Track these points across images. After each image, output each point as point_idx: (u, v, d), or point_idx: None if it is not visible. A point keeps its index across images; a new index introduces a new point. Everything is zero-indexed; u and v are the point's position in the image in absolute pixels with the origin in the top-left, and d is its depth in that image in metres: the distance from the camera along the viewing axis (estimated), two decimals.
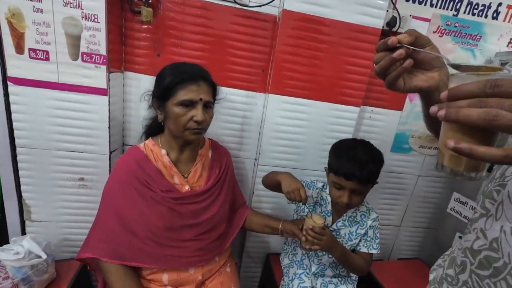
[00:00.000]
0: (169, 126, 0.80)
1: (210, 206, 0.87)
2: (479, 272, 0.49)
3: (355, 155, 0.86)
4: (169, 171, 0.83)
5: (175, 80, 0.75)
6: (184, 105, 0.75)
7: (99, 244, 0.78)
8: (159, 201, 0.79)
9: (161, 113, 0.80)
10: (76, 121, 0.96)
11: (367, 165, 0.84)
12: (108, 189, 0.81)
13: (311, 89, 1.08)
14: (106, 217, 0.79)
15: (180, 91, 0.74)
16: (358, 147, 0.90)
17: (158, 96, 0.79)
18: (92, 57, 0.90)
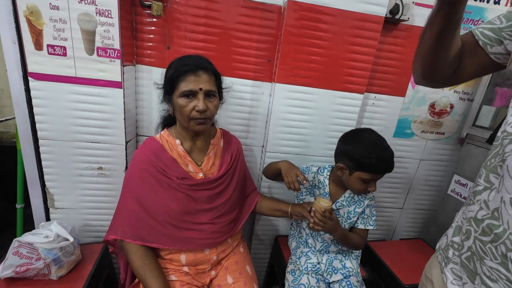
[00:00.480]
0: (178, 118, 0.85)
1: (223, 192, 0.93)
2: (482, 238, 0.54)
3: (384, 151, 0.91)
4: (183, 160, 0.89)
5: (175, 73, 0.79)
6: (185, 96, 0.79)
7: (122, 227, 0.85)
8: (176, 188, 0.85)
9: (170, 106, 0.85)
10: (94, 113, 1.01)
11: (393, 157, 0.93)
12: (129, 177, 0.87)
13: (316, 78, 1.12)
14: (128, 202, 0.85)
15: (181, 83, 0.78)
16: (379, 142, 0.94)
17: (165, 90, 0.84)
18: (107, 52, 0.94)
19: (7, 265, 0.87)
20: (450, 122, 1.34)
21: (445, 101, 1.30)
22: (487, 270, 0.54)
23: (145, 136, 1.19)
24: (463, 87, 1.28)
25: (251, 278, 0.94)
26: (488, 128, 1.21)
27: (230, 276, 0.92)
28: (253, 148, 1.28)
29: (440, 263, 0.67)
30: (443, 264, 0.65)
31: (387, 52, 1.18)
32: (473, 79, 1.26)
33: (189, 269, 0.90)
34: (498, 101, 1.20)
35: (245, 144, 1.24)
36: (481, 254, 0.55)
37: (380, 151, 0.91)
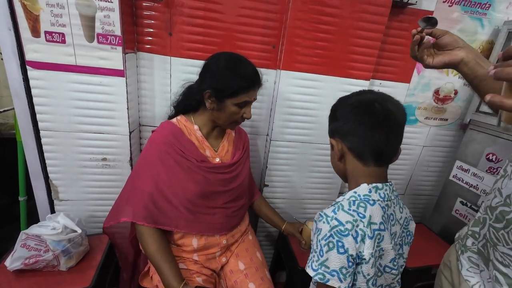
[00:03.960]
0: (217, 116, 0.86)
1: (236, 177, 0.94)
2: (495, 225, 0.56)
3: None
4: (201, 144, 0.89)
5: (243, 86, 0.80)
6: (239, 105, 0.82)
7: (134, 208, 0.83)
8: (194, 170, 0.85)
9: (213, 103, 0.83)
10: (96, 103, 0.98)
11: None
12: (146, 158, 0.86)
13: (322, 64, 1.10)
14: (143, 183, 0.84)
15: (243, 94, 0.81)
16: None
17: (217, 91, 0.81)
18: (107, 38, 0.90)
19: (16, 257, 0.87)
20: (453, 108, 1.34)
21: (449, 87, 1.29)
22: (500, 256, 0.55)
23: (148, 126, 1.17)
24: None
25: (262, 264, 0.96)
26: (491, 113, 1.21)
27: (241, 262, 0.94)
28: (258, 137, 1.27)
29: (457, 251, 0.68)
30: (459, 252, 0.67)
31: (393, 37, 1.16)
32: None
33: (199, 257, 0.90)
34: None
35: (249, 132, 1.23)
36: (494, 240, 0.56)
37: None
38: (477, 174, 1.23)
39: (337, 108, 0.64)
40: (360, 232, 0.54)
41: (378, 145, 0.58)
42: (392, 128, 0.58)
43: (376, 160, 0.59)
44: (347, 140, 0.61)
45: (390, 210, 0.60)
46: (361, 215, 0.56)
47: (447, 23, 1.18)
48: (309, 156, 1.25)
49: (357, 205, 0.57)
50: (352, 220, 0.55)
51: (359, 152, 0.60)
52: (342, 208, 0.57)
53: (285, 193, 1.31)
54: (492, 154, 1.17)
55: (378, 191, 0.59)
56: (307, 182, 1.30)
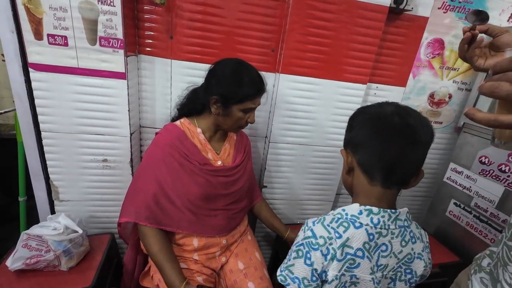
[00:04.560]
0: (223, 121, 0.88)
1: (237, 180, 0.96)
2: (509, 243, 0.51)
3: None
4: (204, 147, 0.91)
5: (251, 93, 0.82)
6: (245, 111, 0.85)
7: (137, 209, 0.85)
8: (197, 173, 0.87)
9: (218, 109, 0.85)
10: (97, 105, 0.99)
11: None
12: (150, 159, 0.87)
13: (320, 68, 1.12)
14: (146, 185, 0.85)
15: (249, 101, 0.84)
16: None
17: (224, 97, 0.82)
18: (109, 42, 0.92)
19: (17, 258, 0.88)
20: (448, 112, 1.37)
21: (444, 91, 1.33)
22: (509, 277, 0.50)
23: (148, 128, 1.18)
24: (461, 77, 1.31)
25: (260, 264, 0.98)
26: None
27: (240, 262, 0.96)
28: (256, 139, 1.29)
29: (470, 271, 0.64)
30: (472, 272, 0.63)
31: (389, 42, 1.19)
32: (471, 69, 1.29)
33: (199, 256, 0.92)
34: None
35: (248, 135, 1.25)
36: (505, 259, 0.51)
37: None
38: (470, 176, 1.26)
39: (354, 117, 0.60)
40: (331, 250, 0.52)
41: (389, 162, 0.52)
42: (408, 144, 0.51)
43: (384, 180, 0.54)
44: (358, 153, 0.56)
45: (384, 240, 0.54)
46: (338, 235, 0.53)
47: (442, 29, 1.21)
48: (307, 158, 1.27)
49: (339, 223, 0.54)
50: (326, 236, 0.53)
51: (368, 168, 0.55)
52: (322, 222, 0.55)
53: (283, 194, 1.33)
54: (485, 157, 1.20)
55: (371, 215, 0.53)
56: (305, 183, 1.32)
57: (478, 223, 1.22)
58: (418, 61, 1.24)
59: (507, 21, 1.23)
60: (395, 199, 0.57)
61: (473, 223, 1.25)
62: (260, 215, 1.14)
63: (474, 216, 1.24)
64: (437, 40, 1.22)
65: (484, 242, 1.20)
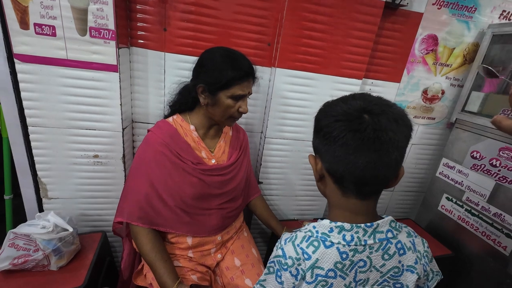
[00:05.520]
0: (213, 112, 0.84)
1: (233, 178, 0.93)
2: None
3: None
4: (197, 145, 0.88)
5: (235, 76, 0.78)
6: (234, 98, 0.81)
7: (129, 209, 0.83)
8: (190, 172, 0.84)
9: (206, 98, 0.82)
10: (88, 98, 0.96)
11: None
12: (142, 158, 0.84)
13: (316, 63, 1.11)
14: (138, 184, 0.83)
15: (236, 86, 0.79)
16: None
17: (210, 84, 0.80)
18: (100, 32, 0.88)
19: (3, 258, 0.84)
20: (440, 108, 1.39)
21: (437, 87, 1.34)
22: None
23: (141, 123, 1.15)
24: (454, 74, 1.33)
25: (258, 261, 0.97)
26: (476, 113, 1.27)
27: (237, 259, 0.94)
28: (252, 134, 1.28)
29: None
30: None
31: (384, 37, 1.19)
32: (464, 66, 1.31)
33: (193, 254, 0.90)
34: (487, 87, 1.25)
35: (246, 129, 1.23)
36: None
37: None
38: (462, 171, 1.29)
39: (320, 118, 0.51)
40: (300, 271, 0.49)
41: (361, 174, 0.45)
42: (381, 152, 0.44)
43: (358, 192, 0.48)
44: (325, 160, 0.49)
45: (360, 256, 0.49)
46: (307, 256, 0.49)
47: (436, 25, 1.22)
48: (303, 153, 1.27)
49: (309, 242, 0.50)
50: (295, 257, 0.49)
51: (338, 178, 0.48)
52: (293, 241, 0.51)
53: (279, 190, 1.32)
54: (476, 152, 1.23)
55: (344, 232, 0.48)
56: (301, 179, 1.32)
57: (470, 216, 1.25)
58: (413, 57, 1.25)
59: (498, 18, 1.25)
60: (374, 208, 0.52)
61: (464, 217, 1.28)
62: (256, 212, 1.12)
63: (466, 210, 1.27)
64: (431, 36, 1.23)
65: (476, 235, 1.22)
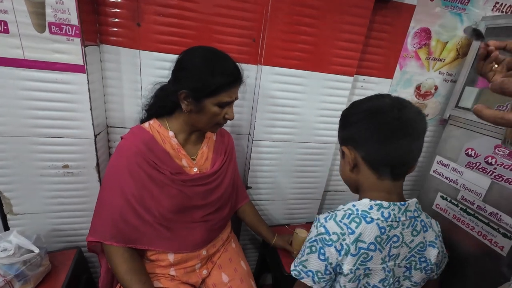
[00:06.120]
0: (196, 119, 0.77)
1: (217, 187, 0.86)
2: None
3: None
4: (177, 153, 0.80)
5: (224, 83, 0.72)
6: (220, 105, 0.75)
7: (103, 226, 0.74)
8: (169, 184, 0.76)
9: (190, 105, 0.74)
10: (53, 103, 0.86)
11: None
12: (114, 169, 0.75)
13: (305, 59, 1.04)
14: (112, 198, 0.74)
15: (224, 93, 0.73)
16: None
17: (194, 91, 0.71)
18: (61, 28, 0.78)
19: None
20: (433, 104, 1.35)
21: (430, 82, 1.29)
22: None
23: (117, 128, 1.05)
24: (447, 68, 1.28)
25: (247, 274, 0.90)
26: (470, 109, 1.22)
27: (225, 274, 0.87)
28: (239, 137, 1.20)
29: None
30: None
31: (376, 31, 1.12)
32: (457, 60, 1.26)
33: (176, 271, 0.82)
34: (481, 82, 1.21)
35: (231, 132, 1.15)
36: None
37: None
38: (457, 169, 1.25)
39: (349, 113, 0.60)
40: (345, 246, 0.54)
41: (396, 156, 0.54)
42: (413, 137, 0.53)
43: (392, 173, 0.56)
44: (362, 149, 0.56)
45: (395, 232, 0.56)
46: (350, 230, 0.55)
47: (429, 18, 1.16)
48: (294, 155, 1.20)
49: (351, 219, 0.55)
50: (339, 232, 0.55)
51: (375, 163, 0.56)
52: (334, 218, 0.57)
53: (269, 194, 1.25)
54: (471, 149, 1.19)
55: (382, 209, 0.54)
56: (292, 182, 1.25)
57: (465, 216, 1.21)
58: (405, 51, 1.20)
59: (491, 10, 1.21)
60: (402, 189, 0.59)
61: (460, 216, 1.24)
62: (245, 220, 1.06)
63: (461, 209, 1.23)
64: (423, 29, 1.18)
65: (471, 234, 1.19)
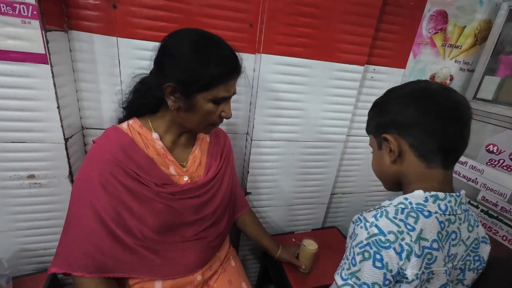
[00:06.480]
0: (186, 118, 0.63)
1: (212, 198, 0.73)
2: None
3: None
4: (163, 159, 0.66)
5: (221, 74, 0.58)
6: (216, 102, 0.61)
7: (71, 253, 0.60)
8: (153, 198, 0.62)
9: (178, 101, 0.60)
10: (9, 101, 0.71)
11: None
12: (83, 182, 0.61)
13: (311, 46, 0.91)
14: (82, 218, 0.60)
15: (220, 86, 0.59)
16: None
17: (183, 84, 0.58)
18: (14, 8, 0.63)
19: None
20: None
21: (445, 72, 1.18)
22: None
23: (94, 130, 0.91)
24: (464, 56, 1.16)
25: None
26: (490, 100, 1.11)
27: None
28: (236, 136, 1.06)
29: None
30: None
31: (389, 14, 0.99)
32: (475, 47, 1.14)
33: None
34: (503, 70, 1.10)
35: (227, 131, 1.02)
36: None
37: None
38: (476, 167, 1.14)
39: (386, 99, 0.55)
40: (406, 247, 0.45)
41: (451, 141, 0.48)
42: (464, 122, 0.48)
43: (444, 160, 0.49)
44: (410, 135, 0.50)
45: (453, 227, 0.50)
46: (410, 227, 0.46)
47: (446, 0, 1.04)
48: (298, 156, 1.07)
49: (406, 214, 0.47)
50: (397, 231, 0.46)
51: (425, 150, 0.49)
52: (386, 215, 0.48)
53: (271, 200, 1.13)
54: (493, 145, 1.08)
55: (438, 201, 0.48)
56: (296, 185, 1.13)
57: (487, 218, 1.10)
58: (420, 37, 1.07)
59: None
60: (452, 179, 0.52)
61: (480, 219, 1.13)
62: (245, 231, 0.93)
63: (481, 211, 1.12)
64: (440, 12, 1.05)
65: (495, 239, 1.08)
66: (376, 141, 0.56)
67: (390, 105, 0.53)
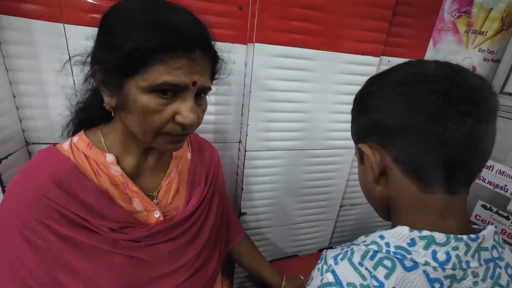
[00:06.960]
0: (128, 121, 0.42)
1: (196, 237, 0.54)
2: None
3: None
4: (123, 191, 0.47)
5: (149, 42, 0.36)
6: (160, 92, 0.39)
7: None
8: (108, 249, 0.43)
9: (111, 95, 0.41)
10: None
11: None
12: (1, 236, 0.41)
13: (315, 33, 0.73)
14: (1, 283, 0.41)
15: (158, 65, 0.37)
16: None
17: (108, 66, 0.39)
18: None
19: None
20: None
21: (467, 63, 1.02)
22: None
23: (42, 144, 0.71)
24: (488, 44, 1.01)
25: None
26: None
27: None
28: (225, 146, 0.88)
29: None
30: None
31: None
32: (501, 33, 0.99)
33: None
34: None
35: (213, 140, 0.84)
36: None
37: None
38: (505, 171, 0.98)
39: (368, 92, 0.38)
40: None
41: (455, 150, 0.31)
42: (480, 118, 0.31)
43: (448, 180, 0.32)
44: (394, 144, 0.34)
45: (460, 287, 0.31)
46: (376, 283, 0.31)
47: None
48: (301, 167, 0.90)
49: (376, 261, 0.32)
50: (359, 284, 0.32)
51: (417, 166, 0.33)
52: (349, 258, 0.34)
53: (270, 219, 0.95)
54: None
55: (434, 246, 0.31)
56: (299, 201, 0.95)
57: None
58: (441, 22, 0.91)
59: None
60: (466, 207, 0.35)
61: (511, 232, 0.98)
62: (242, 262, 0.76)
63: None
64: None
65: None
66: (356, 152, 0.41)
67: (369, 100, 0.37)
